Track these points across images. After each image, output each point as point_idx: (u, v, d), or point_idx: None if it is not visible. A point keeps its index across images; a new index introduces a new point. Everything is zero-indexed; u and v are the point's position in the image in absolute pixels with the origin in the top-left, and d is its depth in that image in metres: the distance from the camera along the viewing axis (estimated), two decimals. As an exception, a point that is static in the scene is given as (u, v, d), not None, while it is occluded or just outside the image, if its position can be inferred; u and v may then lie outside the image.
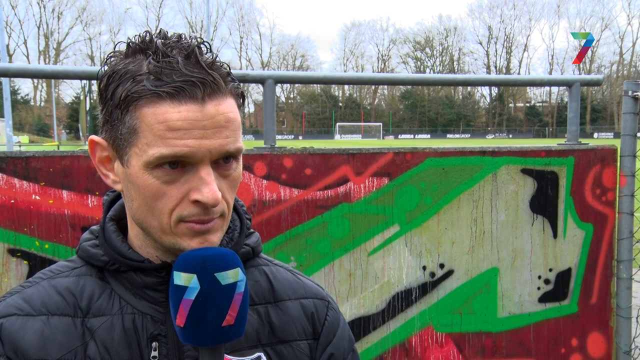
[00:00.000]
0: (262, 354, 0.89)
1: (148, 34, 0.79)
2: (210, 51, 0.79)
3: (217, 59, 0.79)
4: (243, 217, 0.95)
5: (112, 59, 0.80)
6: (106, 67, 0.80)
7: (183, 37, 0.79)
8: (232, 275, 0.75)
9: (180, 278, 0.74)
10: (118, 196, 0.93)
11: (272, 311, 0.92)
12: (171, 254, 0.84)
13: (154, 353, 0.84)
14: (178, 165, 0.76)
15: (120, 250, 0.86)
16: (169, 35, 0.79)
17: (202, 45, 0.78)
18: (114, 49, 0.82)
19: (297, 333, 0.93)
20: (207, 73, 0.76)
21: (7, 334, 0.82)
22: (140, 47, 0.78)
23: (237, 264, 0.76)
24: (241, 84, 0.82)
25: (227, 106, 0.78)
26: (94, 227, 0.93)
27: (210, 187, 0.76)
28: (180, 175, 0.77)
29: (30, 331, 0.83)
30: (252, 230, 0.97)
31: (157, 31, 0.79)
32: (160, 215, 0.79)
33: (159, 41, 0.77)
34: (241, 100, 0.82)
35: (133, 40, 0.79)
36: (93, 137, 0.84)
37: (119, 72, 0.77)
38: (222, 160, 0.79)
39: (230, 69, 0.82)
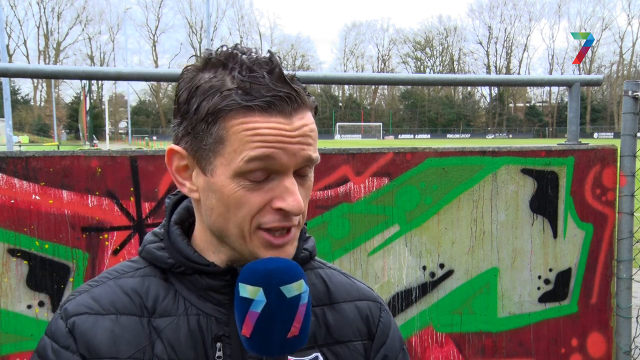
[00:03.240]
0: (319, 354, 0.91)
1: (226, 48, 0.81)
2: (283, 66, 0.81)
3: (295, 75, 0.82)
4: (300, 222, 0.96)
5: (187, 72, 0.83)
6: (182, 81, 0.83)
7: (258, 51, 0.82)
8: (297, 288, 0.77)
9: (246, 291, 0.76)
10: (179, 200, 0.96)
11: (329, 312, 0.95)
12: (240, 261, 0.86)
13: (219, 353, 0.86)
14: (263, 174, 0.79)
15: (187, 254, 0.88)
16: (246, 49, 0.82)
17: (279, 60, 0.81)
18: (187, 62, 0.86)
19: (352, 334, 0.95)
20: (292, 88, 0.79)
21: (80, 332, 0.85)
22: (222, 62, 0.80)
23: (301, 276, 0.78)
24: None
25: (309, 118, 0.82)
26: (157, 230, 0.95)
27: (295, 197, 0.79)
28: (264, 184, 0.80)
29: (101, 330, 0.85)
30: (308, 234, 1.00)
31: (233, 46, 0.82)
32: (241, 223, 0.81)
33: (243, 56, 0.79)
34: (314, 113, 0.86)
35: (212, 54, 0.81)
36: (173, 146, 0.86)
37: (202, 87, 0.79)
38: (301, 170, 0.82)
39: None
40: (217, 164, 0.80)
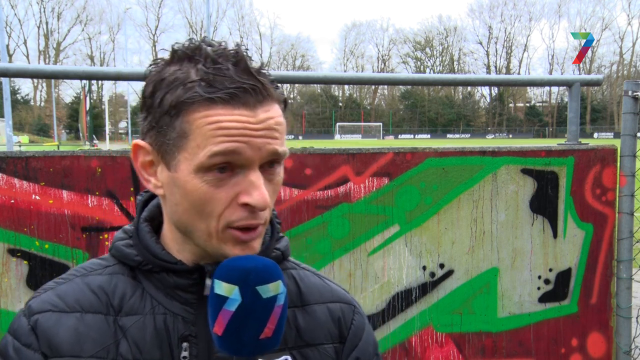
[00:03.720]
0: (288, 357, 0.90)
1: (193, 42, 0.80)
2: (250, 59, 0.80)
3: (263, 66, 0.81)
4: (274, 221, 0.95)
5: (154, 67, 0.82)
6: (149, 74, 0.81)
7: (225, 44, 0.80)
8: (273, 288, 0.76)
9: (222, 288, 0.75)
10: (151, 197, 0.95)
11: (299, 315, 0.93)
12: (207, 258, 0.85)
13: (185, 353, 0.85)
14: (227, 169, 0.77)
15: (154, 251, 0.87)
16: (214, 43, 0.80)
17: (246, 53, 0.80)
18: (155, 55, 0.84)
19: (323, 336, 0.94)
20: (257, 80, 0.77)
21: (42, 330, 0.84)
22: (187, 55, 0.79)
23: (278, 276, 0.77)
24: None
25: (276, 111, 0.80)
26: (127, 227, 0.94)
27: (260, 191, 0.78)
28: (229, 179, 0.78)
29: (65, 327, 0.84)
30: (281, 234, 0.98)
31: (201, 39, 0.80)
32: (208, 219, 0.79)
33: (208, 48, 0.78)
34: (284, 106, 0.84)
35: (178, 47, 0.80)
36: (138, 141, 0.84)
37: (167, 80, 0.78)
38: (267, 165, 0.80)
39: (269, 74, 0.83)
40: (181, 158, 0.79)
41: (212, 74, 0.76)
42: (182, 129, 0.77)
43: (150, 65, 0.82)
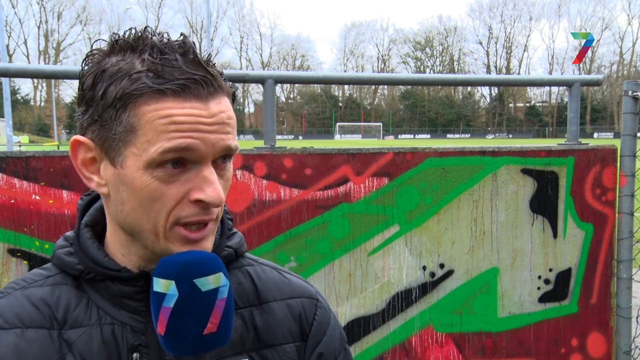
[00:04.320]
0: None
1: (134, 31, 0.75)
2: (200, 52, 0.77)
3: (210, 57, 0.78)
4: (224, 218, 0.91)
5: (92, 57, 0.77)
6: (87, 66, 0.77)
7: (168, 34, 0.76)
8: (213, 281, 0.72)
9: (160, 285, 0.72)
10: (92, 200, 0.90)
11: (257, 314, 0.89)
12: (154, 262, 0.80)
13: None
14: (179, 165, 0.74)
15: (96, 259, 0.82)
16: (157, 33, 0.76)
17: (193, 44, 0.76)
18: (91, 46, 0.79)
19: (282, 336, 0.89)
20: (207, 71, 0.74)
21: None
22: (131, 45, 0.74)
23: (219, 269, 0.74)
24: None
25: (227, 104, 0.77)
26: (69, 234, 0.88)
27: (214, 186, 0.74)
28: (180, 175, 0.74)
29: (4, 345, 0.78)
30: (234, 230, 0.94)
31: (143, 28, 0.76)
32: (156, 218, 0.75)
33: (153, 38, 0.74)
34: (232, 100, 0.81)
35: (119, 37, 0.75)
36: (78, 137, 0.79)
37: (109, 71, 0.73)
38: (220, 160, 0.77)
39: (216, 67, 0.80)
40: (128, 154, 0.74)
41: (159, 64, 0.72)
42: (129, 122, 0.73)
43: (87, 55, 0.77)
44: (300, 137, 75.09)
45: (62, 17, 78.83)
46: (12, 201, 2.18)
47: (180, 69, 0.72)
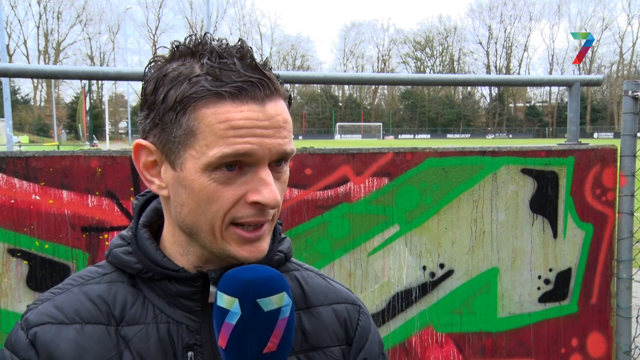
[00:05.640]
0: None
1: (195, 38, 0.78)
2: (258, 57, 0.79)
3: (267, 63, 0.79)
4: (275, 222, 0.92)
5: (154, 63, 0.79)
6: (149, 72, 0.79)
7: (227, 40, 0.79)
8: (276, 301, 0.73)
9: (223, 300, 0.73)
10: (148, 201, 0.92)
11: (305, 317, 0.91)
12: (212, 263, 0.83)
13: None
14: (236, 167, 0.76)
15: (155, 259, 0.84)
16: (217, 38, 0.79)
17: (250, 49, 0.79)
18: (155, 53, 0.82)
19: (329, 339, 0.91)
20: (263, 74, 0.76)
21: (42, 344, 0.80)
22: (191, 51, 0.77)
23: (283, 288, 0.74)
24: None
25: (283, 107, 0.78)
26: (125, 233, 0.90)
27: (270, 188, 0.76)
28: (237, 177, 0.76)
29: (65, 340, 0.80)
30: (283, 235, 0.96)
31: (203, 35, 0.78)
32: (213, 219, 0.77)
33: (212, 43, 0.76)
34: (288, 103, 0.82)
35: (180, 44, 0.78)
36: (140, 140, 0.81)
37: (170, 76, 0.76)
38: (275, 163, 0.79)
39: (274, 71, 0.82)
40: (187, 156, 0.76)
41: (218, 67, 0.74)
42: (189, 126, 0.75)
43: (150, 62, 0.80)
44: (300, 137, 75.07)
45: (62, 17, 78.86)
46: (12, 201, 2.18)
47: (238, 72, 0.74)
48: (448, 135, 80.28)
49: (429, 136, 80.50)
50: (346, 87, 75.79)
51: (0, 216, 2.18)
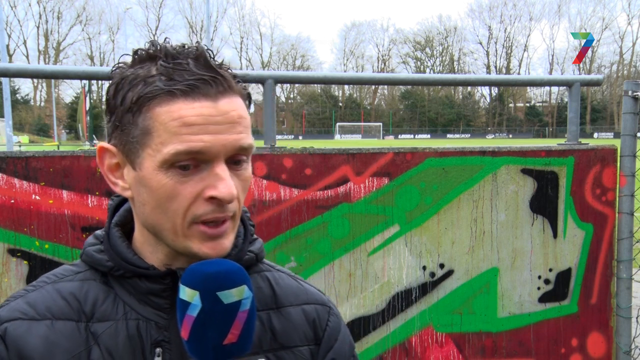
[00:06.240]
0: None
1: (153, 44, 0.80)
2: (213, 58, 0.81)
3: (224, 63, 0.81)
4: (247, 223, 0.94)
5: (117, 70, 0.82)
6: (112, 79, 0.81)
7: (186, 45, 0.81)
8: (237, 294, 0.75)
9: (185, 293, 0.75)
10: (122, 201, 0.93)
11: (274, 317, 0.93)
12: (180, 260, 0.85)
13: (158, 359, 0.84)
14: (191, 167, 0.77)
15: (126, 257, 0.86)
16: (176, 44, 0.81)
17: (208, 51, 0.80)
18: (118, 60, 0.84)
19: (298, 339, 0.93)
20: (216, 72, 0.78)
21: (12, 339, 0.82)
22: (149, 55, 0.79)
23: (243, 281, 0.76)
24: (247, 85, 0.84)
25: (238, 104, 0.80)
26: (99, 232, 0.92)
27: (225, 183, 0.77)
28: (194, 174, 0.77)
29: (35, 336, 0.82)
30: (255, 236, 0.97)
31: (163, 40, 0.81)
32: (173, 217, 0.79)
33: (168, 46, 0.79)
34: (248, 102, 0.83)
35: (140, 49, 0.80)
36: (103, 144, 0.84)
37: (128, 78, 0.78)
38: (234, 159, 0.80)
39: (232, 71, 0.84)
40: (145, 156, 0.78)
41: (171, 68, 0.76)
42: (144, 125, 0.77)
43: (114, 68, 0.82)
44: (300, 137, 75.09)
45: (62, 17, 78.87)
46: (12, 201, 2.18)
47: (191, 71, 0.76)
48: (448, 135, 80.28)
49: (429, 136, 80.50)
50: (346, 87, 75.80)
51: (0, 216, 2.18)
